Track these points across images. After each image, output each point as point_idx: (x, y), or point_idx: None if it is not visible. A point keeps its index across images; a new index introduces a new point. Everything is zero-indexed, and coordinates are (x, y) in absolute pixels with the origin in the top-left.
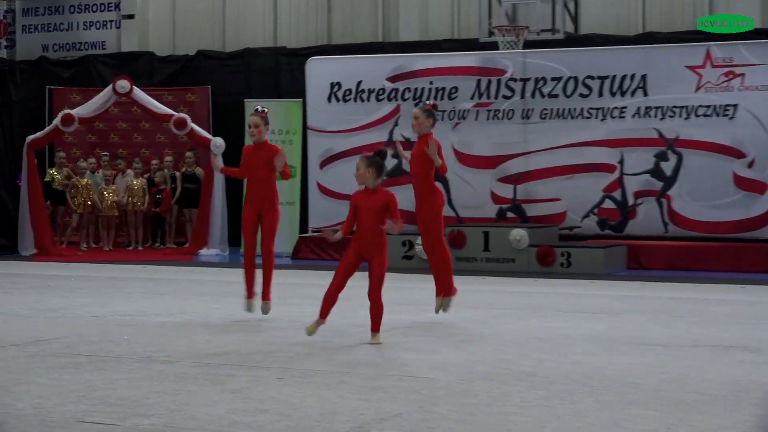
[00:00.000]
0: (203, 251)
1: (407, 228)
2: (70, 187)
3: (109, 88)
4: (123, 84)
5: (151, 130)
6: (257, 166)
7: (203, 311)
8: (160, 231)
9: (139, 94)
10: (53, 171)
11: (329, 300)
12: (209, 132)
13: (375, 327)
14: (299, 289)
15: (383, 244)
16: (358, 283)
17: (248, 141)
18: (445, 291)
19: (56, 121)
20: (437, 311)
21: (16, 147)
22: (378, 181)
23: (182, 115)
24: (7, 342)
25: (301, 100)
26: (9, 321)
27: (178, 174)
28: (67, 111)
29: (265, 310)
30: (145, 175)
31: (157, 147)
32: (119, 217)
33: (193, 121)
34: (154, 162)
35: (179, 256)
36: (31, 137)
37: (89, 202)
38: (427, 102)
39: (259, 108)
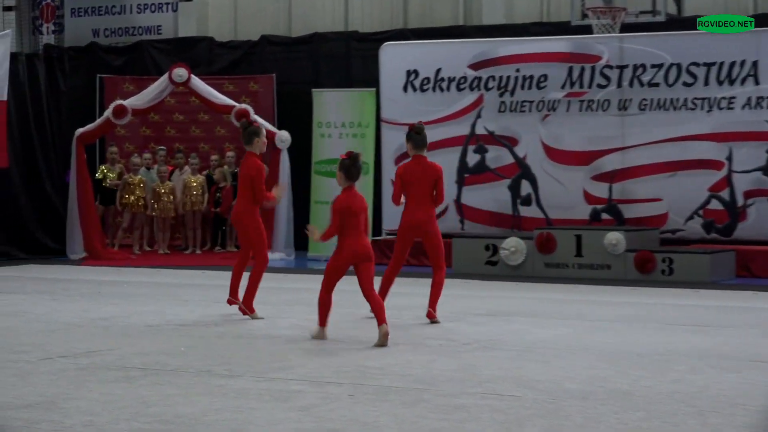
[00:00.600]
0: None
1: (492, 231)
2: (122, 185)
3: (165, 76)
4: (180, 72)
5: (211, 123)
6: None
7: (266, 321)
8: (220, 233)
9: (197, 83)
10: (104, 168)
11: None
12: (274, 125)
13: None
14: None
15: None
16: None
17: (317, 135)
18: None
19: (107, 112)
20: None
21: (65, 141)
22: (349, 183)
23: (244, 106)
24: (55, 353)
25: (374, 89)
26: (57, 330)
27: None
28: (119, 102)
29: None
30: (204, 172)
31: (217, 141)
32: (175, 218)
33: (256, 113)
34: (213, 158)
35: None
36: (80, 130)
37: (142, 202)
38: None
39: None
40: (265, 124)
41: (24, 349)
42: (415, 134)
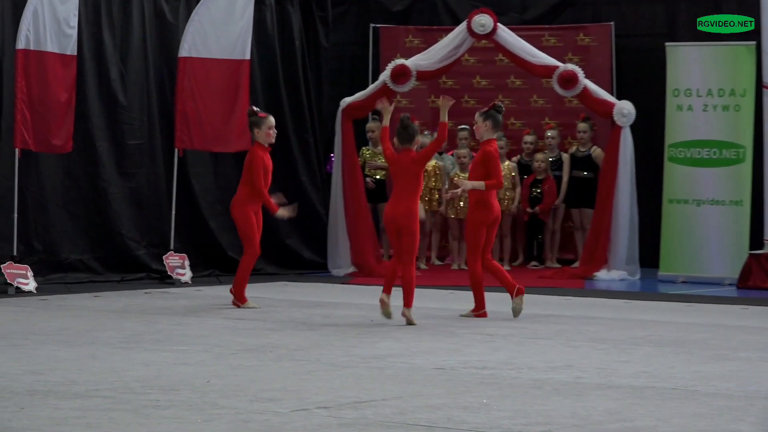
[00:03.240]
0: (601, 274)
1: None
2: None
3: (462, 27)
4: (483, 21)
5: (525, 91)
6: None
7: (602, 366)
8: (537, 242)
9: (506, 35)
10: (366, 150)
11: None
12: (611, 93)
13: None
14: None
15: None
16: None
17: (671, 107)
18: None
19: (384, 76)
20: None
21: (327, 115)
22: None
23: (571, 67)
24: (313, 403)
25: (753, 43)
26: (318, 373)
27: (565, 156)
28: (399, 61)
29: None
30: (515, 158)
31: (533, 116)
32: (517, 217)
33: (587, 77)
34: (528, 138)
35: (565, 280)
36: (347, 100)
37: (437, 196)
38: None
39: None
40: (599, 92)
41: (273, 397)
42: (401, 129)
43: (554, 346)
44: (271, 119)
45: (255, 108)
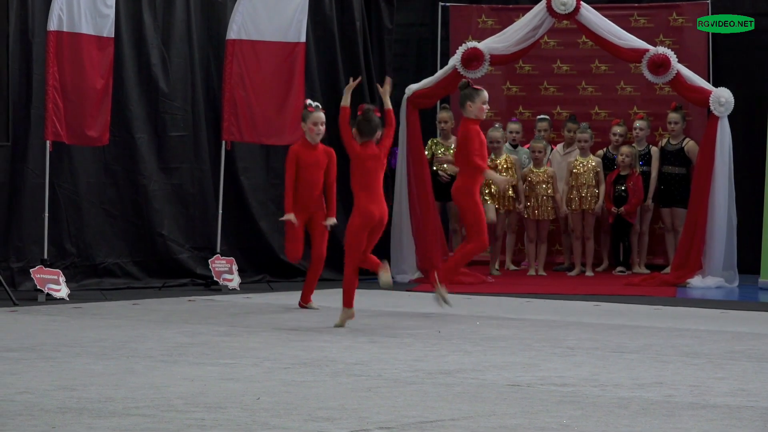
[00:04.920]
0: (695, 281)
1: None
2: None
3: (542, 6)
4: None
5: (610, 77)
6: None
7: (696, 384)
8: (623, 245)
9: (590, 15)
10: (433, 142)
11: None
12: (707, 79)
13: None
14: None
15: None
16: None
17: None
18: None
19: (454, 60)
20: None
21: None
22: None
23: (662, 50)
24: (374, 423)
25: None
26: (380, 389)
27: (654, 150)
28: (471, 44)
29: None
30: (600, 152)
31: (619, 105)
32: (556, 221)
33: (680, 61)
34: (617, 129)
35: (654, 288)
36: (413, 87)
37: (510, 194)
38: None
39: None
40: (694, 78)
41: (329, 416)
42: (364, 121)
43: (642, 360)
44: (317, 115)
45: (308, 101)
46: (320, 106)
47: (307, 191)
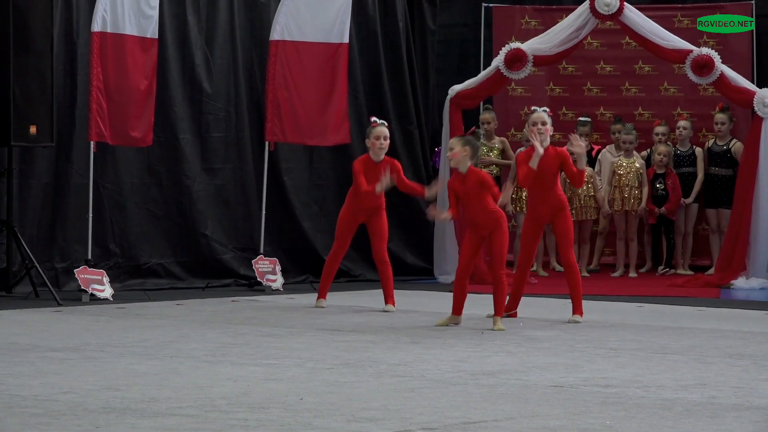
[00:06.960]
0: (739, 282)
1: None
2: (512, 173)
3: (585, 6)
4: (608, 0)
5: (654, 78)
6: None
7: (740, 385)
8: (666, 244)
9: (633, 16)
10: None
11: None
12: (751, 80)
13: (498, 310)
14: None
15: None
16: None
17: None
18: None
19: (497, 61)
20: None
21: (434, 104)
22: (470, 163)
23: (706, 51)
24: (417, 424)
25: None
26: (423, 390)
27: (699, 151)
28: (515, 45)
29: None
30: (643, 153)
31: (663, 105)
32: (598, 222)
33: (724, 62)
34: (660, 129)
35: (698, 289)
36: (456, 88)
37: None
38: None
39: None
40: (738, 79)
41: (372, 416)
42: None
43: (686, 362)
44: (379, 129)
45: (372, 118)
46: (385, 123)
47: (367, 201)
